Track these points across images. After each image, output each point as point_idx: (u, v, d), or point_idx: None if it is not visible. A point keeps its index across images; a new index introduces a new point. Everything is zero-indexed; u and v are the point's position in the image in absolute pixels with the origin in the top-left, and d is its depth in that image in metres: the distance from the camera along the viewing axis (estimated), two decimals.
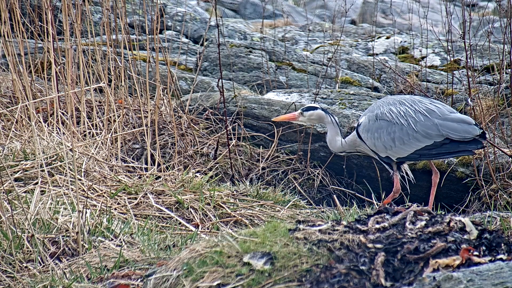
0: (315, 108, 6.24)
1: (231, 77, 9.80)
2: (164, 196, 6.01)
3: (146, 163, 6.90)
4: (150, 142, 7.02)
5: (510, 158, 6.98)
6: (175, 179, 6.34)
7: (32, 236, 4.76)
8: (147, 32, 7.13)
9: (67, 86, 6.68)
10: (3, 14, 6.67)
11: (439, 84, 9.85)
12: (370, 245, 3.50)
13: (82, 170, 6.09)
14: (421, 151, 5.90)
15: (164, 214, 5.75)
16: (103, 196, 5.81)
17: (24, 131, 6.53)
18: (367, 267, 3.42)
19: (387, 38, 12.00)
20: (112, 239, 4.97)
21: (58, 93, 6.53)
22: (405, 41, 11.72)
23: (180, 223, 5.62)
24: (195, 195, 6.04)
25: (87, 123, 6.88)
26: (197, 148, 7.58)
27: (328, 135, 6.21)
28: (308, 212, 6.26)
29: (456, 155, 5.93)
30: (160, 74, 7.60)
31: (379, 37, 12.09)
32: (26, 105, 6.47)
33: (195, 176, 6.33)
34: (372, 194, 6.44)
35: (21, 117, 6.64)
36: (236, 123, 7.77)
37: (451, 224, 3.59)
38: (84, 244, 4.83)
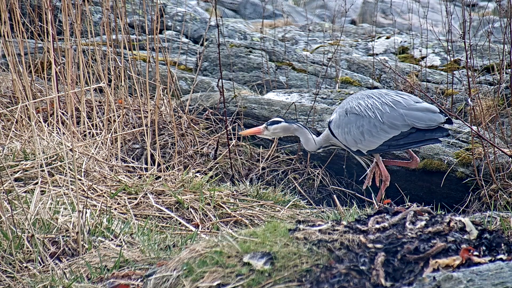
0: (278, 122, 6.39)
1: (231, 77, 9.80)
2: (164, 196, 6.01)
3: (146, 163, 6.90)
4: (150, 142, 7.02)
5: (510, 158, 6.97)
6: (175, 179, 6.34)
7: (32, 236, 4.76)
8: (147, 32, 7.13)
9: (67, 86, 6.68)
10: (3, 14, 6.67)
11: (439, 84, 9.85)
12: (370, 245, 3.50)
13: (82, 170, 6.09)
14: (389, 142, 5.98)
15: (164, 214, 5.74)
16: (103, 196, 5.81)
17: (24, 131, 6.53)
18: (367, 267, 3.42)
19: (387, 38, 12.00)
20: (112, 239, 4.96)
21: (58, 93, 6.53)
22: (405, 41, 11.72)
23: (180, 223, 5.62)
24: (195, 195, 6.04)
25: (87, 123, 6.88)
26: (197, 148, 7.58)
27: (302, 140, 6.36)
28: (308, 212, 6.26)
29: (423, 144, 6.01)
30: (160, 74, 7.59)
31: (379, 37, 12.09)
32: (26, 105, 6.47)
33: (195, 176, 6.33)
34: (372, 194, 6.43)
35: (21, 117, 6.64)
36: (236, 123, 7.77)
37: (451, 224, 3.60)
38: (84, 244, 4.83)
